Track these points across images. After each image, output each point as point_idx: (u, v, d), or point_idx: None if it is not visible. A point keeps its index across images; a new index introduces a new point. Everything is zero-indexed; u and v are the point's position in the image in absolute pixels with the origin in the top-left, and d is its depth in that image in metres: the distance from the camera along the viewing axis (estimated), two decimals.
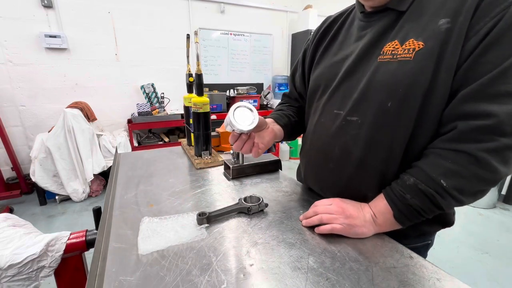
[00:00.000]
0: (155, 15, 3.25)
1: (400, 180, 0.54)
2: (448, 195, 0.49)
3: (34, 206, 2.67)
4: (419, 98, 0.51)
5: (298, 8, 4.10)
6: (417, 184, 0.50)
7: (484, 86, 0.46)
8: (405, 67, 0.52)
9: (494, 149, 0.45)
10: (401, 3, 0.55)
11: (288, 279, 0.47)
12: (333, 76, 0.67)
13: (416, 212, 0.52)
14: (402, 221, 0.54)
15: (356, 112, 0.59)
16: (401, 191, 0.52)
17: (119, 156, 1.19)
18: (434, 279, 0.47)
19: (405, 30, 0.54)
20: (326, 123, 0.66)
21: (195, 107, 0.99)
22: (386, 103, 0.54)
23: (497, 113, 0.44)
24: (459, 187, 0.48)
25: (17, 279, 0.69)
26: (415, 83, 0.51)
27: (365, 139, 0.58)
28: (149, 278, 0.47)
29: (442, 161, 0.49)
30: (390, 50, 0.55)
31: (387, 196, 0.55)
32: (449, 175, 0.48)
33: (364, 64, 0.60)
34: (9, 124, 2.82)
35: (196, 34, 1.08)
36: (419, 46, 0.51)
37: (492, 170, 0.46)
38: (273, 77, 4.21)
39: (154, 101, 3.35)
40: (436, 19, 0.50)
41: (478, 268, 1.83)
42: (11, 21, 2.65)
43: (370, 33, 0.60)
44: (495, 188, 2.58)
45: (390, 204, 0.54)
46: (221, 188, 0.85)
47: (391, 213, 0.54)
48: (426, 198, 0.50)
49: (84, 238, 0.80)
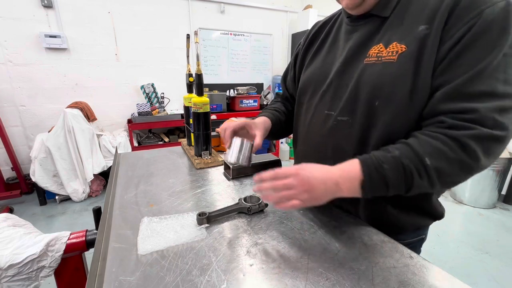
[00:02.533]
0: (155, 15, 3.25)
1: (383, 151, 0.53)
2: (426, 175, 0.49)
3: (34, 206, 2.67)
4: (404, 97, 0.54)
5: (298, 8, 4.10)
6: (401, 158, 0.50)
7: (460, 86, 0.48)
8: (389, 68, 0.55)
9: (478, 137, 0.47)
10: (384, 10, 0.59)
11: (288, 279, 0.47)
12: (323, 78, 0.70)
13: (385, 185, 0.51)
14: (366, 190, 0.52)
15: (346, 113, 0.62)
16: (380, 160, 0.51)
17: (119, 156, 1.19)
18: (434, 279, 0.47)
19: (389, 34, 0.58)
20: (318, 124, 0.69)
21: (195, 107, 0.99)
22: (373, 102, 0.57)
23: (478, 108, 0.47)
24: (440, 169, 0.49)
25: (17, 279, 0.69)
26: (399, 83, 0.54)
27: (357, 138, 0.61)
28: (149, 278, 0.47)
29: (433, 141, 0.49)
30: (375, 53, 0.58)
31: (363, 162, 0.52)
32: (435, 155, 0.49)
33: (351, 66, 0.63)
34: (9, 124, 2.82)
35: (196, 34, 1.08)
36: (402, 49, 0.54)
37: (475, 158, 0.48)
38: (273, 77, 4.21)
39: (154, 101, 3.35)
40: (416, 25, 0.54)
41: (478, 268, 1.83)
42: (11, 21, 2.65)
43: (356, 37, 0.64)
44: (495, 188, 2.58)
45: (364, 170, 0.51)
46: (221, 188, 0.85)
47: (359, 180, 0.51)
48: (403, 173, 0.49)
49: (84, 238, 0.80)
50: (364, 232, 0.61)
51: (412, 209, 0.63)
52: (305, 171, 0.53)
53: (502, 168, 2.53)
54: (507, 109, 0.47)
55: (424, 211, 0.64)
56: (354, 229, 0.62)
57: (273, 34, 4.06)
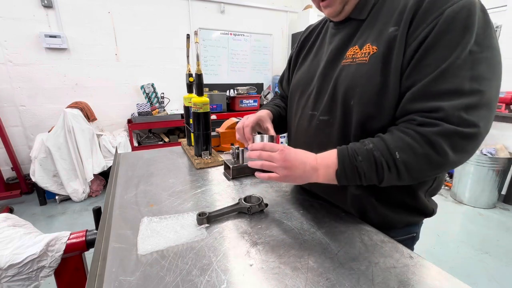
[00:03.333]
0: (155, 15, 3.25)
1: (359, 143, 0.56)
2: (395, 169, 0.52)
3: (34, 206, 2.67)
4: (374, 96, 0.56)
5: (298, 8, 4.10)
6: (373, 150, 0.53)
7: (427, 86, 0.50)
8: (362, 69, 0.58)
9: (445, 133, 0.48)
10: (361, 13, 0.62)
11: (288, 279, 0.47)
12: (309, 80, 0.74)
13: (358, 175, 0.55)
14: (341, 179, 0.56)
15: (327, 112, 0.66)
16: (355, 152, 0.55)
17: (119, 156, 1.19)
18: (434, 279, 0.47)
19: (364, 36, 0.61)
20: (305, 124, 0.73)
21: (195, 107, 0.99)
22: (349, 102, 0.60)
23: (443, 107, 0.48)
24: (408, 163, 0.51)
25: (17, 279, 0.69)
26: (368, 83, 0.57)
27: (337, 136, 0.64)
28: (149, 278, 0.47)
29: (404, 136, 0.52)
30: (351, 54, 0.61)
31: (339, 152, 0.57)
32: (405, 149, 0.51)
33: (332, 68, 0.67)
34: (9, 124, 2.82)
35: (196, 34, 1.08)
36: (373, 50, 0.57)
37: (443, 154, 0.49)
38: (273, 77, 4.21)
39: (154, 101, 3.35)
40: (387, 27, 0.56)
41: (478, 268, 1.83)
42: (11, 21, 2.65)
43: (337, 39, 0.68)
44: (495, 188, 2.58)
45: (339, 160, 0.56)
46: (221, 188, 0.85)
47: (334, 168, 0.56)
48: (374, 165, 0.53)
49: (84, 238, 0.80)
50: (364, 232, 0.61)
51: (399, 205, 0.64)
52: (290, 150, 0.59)
53: (502, 168, 2.53)
54: (475, 106, 0.48)
55: (411, 208, 0.65)
56: (354, 229, 0.62)
57: (273, 34, 4.06)
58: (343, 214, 0.69)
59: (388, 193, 0.62)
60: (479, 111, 0.48)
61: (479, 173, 2.58)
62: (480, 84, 0.48)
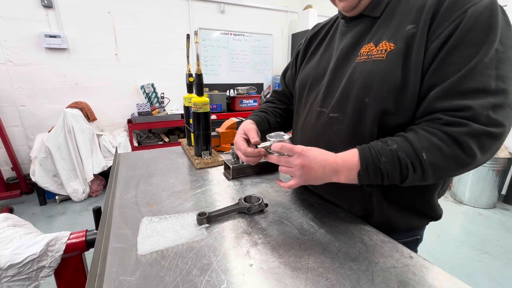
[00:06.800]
0: (155, 15, 3.25)
1: (381, 143, 0.55)
2: (420, 170, 0.51)
3: (34, 206, 2.67)
4: (392, 93, 0.55)
5: (298, 8, 4.10)
6: (398, 151, 0.52)
7: (454, 84, 0.49)
8: (378, 65, 0.57)
9: (474, 133, 0.47)
10: (375, 11, 0.62)
11: (288, 279, 0.47)
12: (318, 76, 0.73)
13: (381, 176, 0.53)
14: (363, 179, 0.55)
15: (337, 109, 0.64)
16: (378, 153, 0.53)
17: (119, 156, 1.19)
18: (434, 279, 0.47)
19: (379, 34, 0.60)
20: (312, 121, 0.71)
21: (195, 107, 0.99)
22: (364, 99, 0.59)
23: (471, 106, 0.47)
24: (435, 164, 0.50)
25: (17, 279, 0.69)
26: (387, 80, 0.55)
27: (347, 134, 0.63)
28: (149, 278, 0.47)
29: (430, 136, 0.50)
30: (366, 52, 0.61)
31: (361, 153, 0.55)
32: (432, 150, 0.50)
33: (344, 65, 0.66)
34: (9, 124, 2.82)
35: (196, 34, 1.08)
36: (390, 47, 0.56)
37: (471, 154, 0.48)
38: (273, 77, 4.21)
39: (154, 101, 3.34)
40: (404, 25, 0.56)
41: (478, 268, 1.83)
42: (11, 21, 2.65)
43: (349, 37, 0.67)
44: (495, 188, 2.58)
45: (361, 161, 0.54)
46: (221, 188, 0.85)
47: (357, 170, 0.55)
48: (398, 166, 0.52)
49: (84, 238, 0.80)
50: (364, 232, 0.61)
51: (406, 207, 0.64)
52: (308, 153, 0.57)
53: (502, 168, 2.53)
54: (501, 106, 0.47)
55: (421, 212, 0.65)
56: (354, 229, 0.62)
57: (273, 34, 4.06)
58: (343, 214, 0.69)
59: (400, 192, 0.61)
60: (505, 111, 0.48)
61: (479, 173, 2.58)
62: (505, 83, 0.47)
